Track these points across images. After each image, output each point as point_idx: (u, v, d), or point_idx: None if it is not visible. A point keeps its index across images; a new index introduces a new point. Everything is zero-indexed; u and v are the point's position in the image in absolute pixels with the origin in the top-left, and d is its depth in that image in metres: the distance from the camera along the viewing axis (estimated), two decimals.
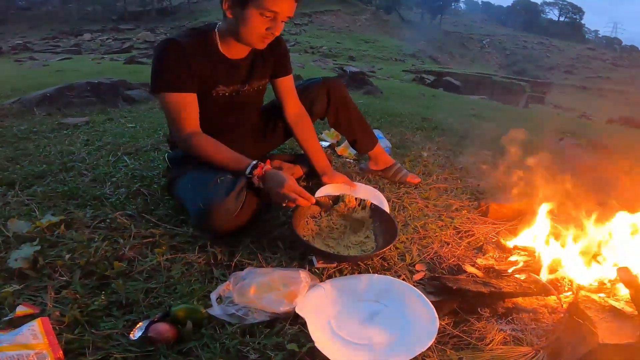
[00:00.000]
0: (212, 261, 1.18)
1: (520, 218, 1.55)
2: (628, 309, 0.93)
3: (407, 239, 1.38)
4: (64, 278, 1.06)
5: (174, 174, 1.44)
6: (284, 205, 1.24)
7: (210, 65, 1.32)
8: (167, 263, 1.15)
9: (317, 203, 1.38)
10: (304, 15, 38.85)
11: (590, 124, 7.40)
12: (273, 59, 1.48)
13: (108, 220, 1.35)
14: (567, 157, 2.56)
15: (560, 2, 71.98)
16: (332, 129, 2.22)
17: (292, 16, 1.27)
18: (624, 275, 0.93)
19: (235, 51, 1.36)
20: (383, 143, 2.11)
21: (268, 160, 1.32)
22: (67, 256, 1.13)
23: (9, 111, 2.89)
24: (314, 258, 1.20)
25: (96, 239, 1.23)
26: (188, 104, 1.30)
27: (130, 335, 0.88)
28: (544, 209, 1.37)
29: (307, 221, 1.36)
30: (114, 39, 26.23)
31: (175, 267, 1.13)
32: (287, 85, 1.55)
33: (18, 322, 0.88)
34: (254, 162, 1.26)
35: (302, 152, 1.65)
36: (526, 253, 1.30)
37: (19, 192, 1.53)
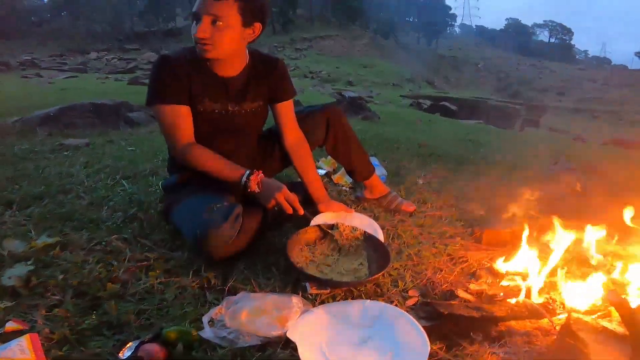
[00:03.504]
0: (206, 285, 1.18)
1: (514, 243, 1.56)
2: (620, 330, 0.93)
3: (400, 265, 1.39)
4: (56, 297, 1.07)
5: (170, 200, 1.46)
6: (276, 209, 1.33)
7: (199, 79, 1.35)
8: (160, 286, 1.15)
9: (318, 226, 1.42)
10: (304, 40, 39.82)
11: (585, 146, 7.49)
12: (268, 81, 1.46)
13: (103, 243, 1.35)
14: (561, 181, 2.59)
15: (550, 24, 74.16)
16: (329, 157, 2.25)
17: (218, 15, 1.21)
18: (614, 297, 0.94)
19: (225, 68, 1.37)
20: (379, 171, 2.11)
21: (261, 171, 1.36)
22: (61, 276, 1.14)
23: (12, 130, 2.93)
24: (307, 284, 1.21)
25: (90, 261, 1.24)
26: (181, 116, 1.33)
27: (120, 354, 0.88)
28: (530, 234, 1.40)
29: (301, 248, 1.37)
30: (120, 59, 26.74)
31: (169, 290, 1.13)
32: (286, 111, 1.53)
33: (7, 338, 0.89)
34: (250, 170, 1.34)
35: (299, 179, 1.65)
36: (519, 277, 1.31)
37: (17, 212, 1.55)
